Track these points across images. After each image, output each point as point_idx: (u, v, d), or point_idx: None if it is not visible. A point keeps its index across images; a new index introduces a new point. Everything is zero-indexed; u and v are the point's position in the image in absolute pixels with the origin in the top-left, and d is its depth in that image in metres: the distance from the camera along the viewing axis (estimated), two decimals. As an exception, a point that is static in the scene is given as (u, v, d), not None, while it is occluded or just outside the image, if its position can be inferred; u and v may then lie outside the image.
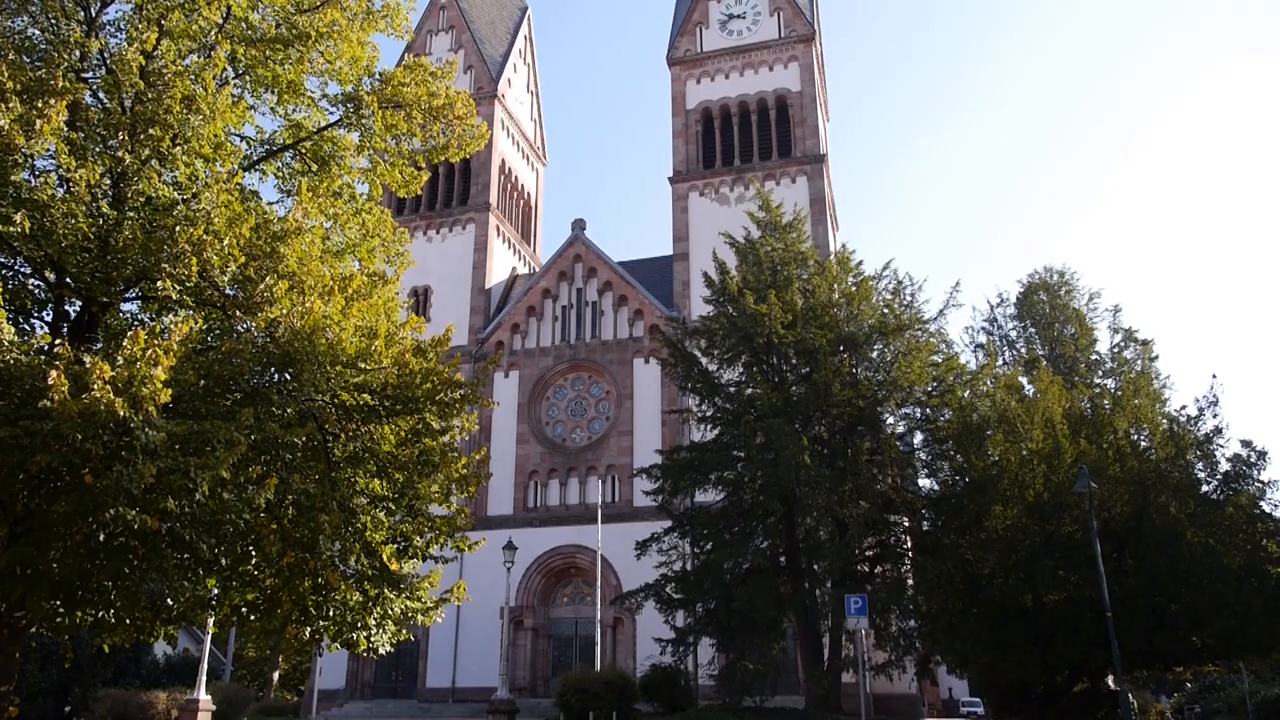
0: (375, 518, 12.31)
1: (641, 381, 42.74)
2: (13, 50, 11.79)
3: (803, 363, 29.02)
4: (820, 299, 29.35)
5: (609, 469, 41.68)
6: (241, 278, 11.27)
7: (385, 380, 12.01)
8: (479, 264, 47.50)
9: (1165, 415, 26.58)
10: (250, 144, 14.25)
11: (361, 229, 14.50)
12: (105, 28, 13.05)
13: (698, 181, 45.70)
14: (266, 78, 13.79)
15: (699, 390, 30.10)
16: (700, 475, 29.05)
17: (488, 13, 55.18)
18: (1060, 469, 23.91)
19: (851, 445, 28.05)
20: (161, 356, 9.18)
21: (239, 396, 11.07)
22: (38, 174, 11.22)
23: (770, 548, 28.71)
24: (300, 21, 13.68)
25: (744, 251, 31.08)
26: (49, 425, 8.59)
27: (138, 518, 8.78)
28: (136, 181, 11.46)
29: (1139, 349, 34.52)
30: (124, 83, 11.52)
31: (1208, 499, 24.36)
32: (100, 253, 10.88)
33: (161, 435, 8.98)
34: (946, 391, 28.73)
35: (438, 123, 15.10)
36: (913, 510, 29.33)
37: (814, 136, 45.16)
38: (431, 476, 13.02)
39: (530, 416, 43.65)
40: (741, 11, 48.79)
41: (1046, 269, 42.14)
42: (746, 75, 47.35)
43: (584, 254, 46.30)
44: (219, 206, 11.21)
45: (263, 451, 10.47)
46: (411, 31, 15.89)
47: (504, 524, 40.29)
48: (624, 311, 44.52)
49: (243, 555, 11.19)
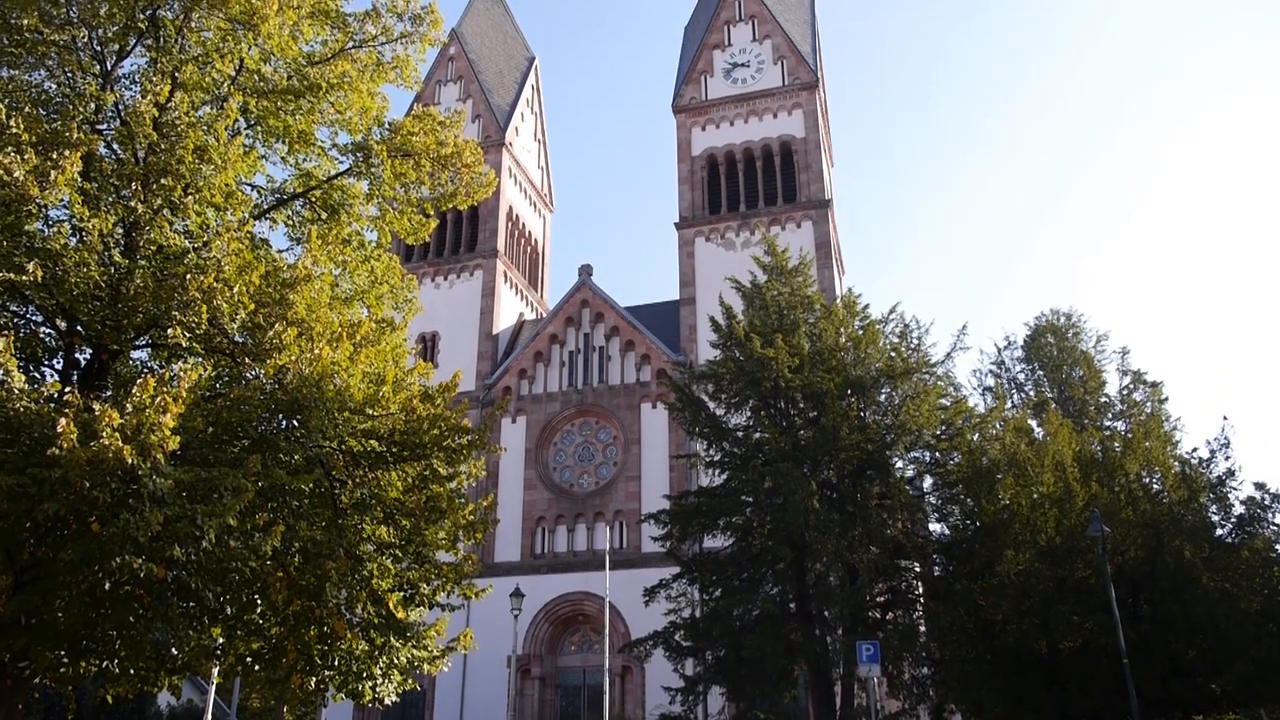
0: (382, 565, 12.24)
1: (649, 426, 42.64)
2: (29, 103, 12.01)
3: (810, 407, 28.92)
4: (827, 343, 29.33)
5: (617, 514, 41.44)
6: (251, 325, 11.34)
7: (393, 426, 12.01)
8: (486, 310, 47.70)
9: (1177, 458, 26.38)
10: (261, 193, 14.44)
11: (370, 276, 14.61)
12: (120, 81, 13.31)
13: (704, 227, 46.00)
14: (278, 128, 14.00)
15: (706, 435, 29.97)
16: (708, 520, 28.82)
17: (496, 63, 56.05)
18: (1072, 513, 23.69)
19: (861, 490, 27.85)
20: (170, 404, 9.20)
21: (246, 443, 11.07)
22: (51, 224, 11.36)
23: (780, 594, 28.37)
24: (311, 73, 13.92)
25: (750, 296, 31.15)
26: (57, 473, 8.59)
27: (144, 566, 8.75)
28: (148, 230, 11.59)
29: (1148, 391, 34.31)
30: (138, 134, 11.70)
31: (1223, 542, 24.09)
32: (111, 301, 10.97)
33: (169, 482, 8.97)
34: (955, 435, 28.56)
35: (446, 171, 15.28)
36: (924, 555, 29.01)
37: (818, 182, 45.51)
38: (438, 523, 12.96)
39: (538, 462, 43.51)
40: (745, 60, 49.47)
41: (1053, 311, 42.09)
42: (751, 122, 47.87)
43: (591, 299, 46.48)
44: (229, 254, 11.32)
45: (270, 498, 10.46)
46: (420, 82, 16.15)
47: (511, 571, 39.96)
48: (631, 356, 44.57)
49: (248, 604, 11.12)
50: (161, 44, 12.90)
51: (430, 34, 15.19)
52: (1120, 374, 35.28)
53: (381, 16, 14.82)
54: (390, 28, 14.91)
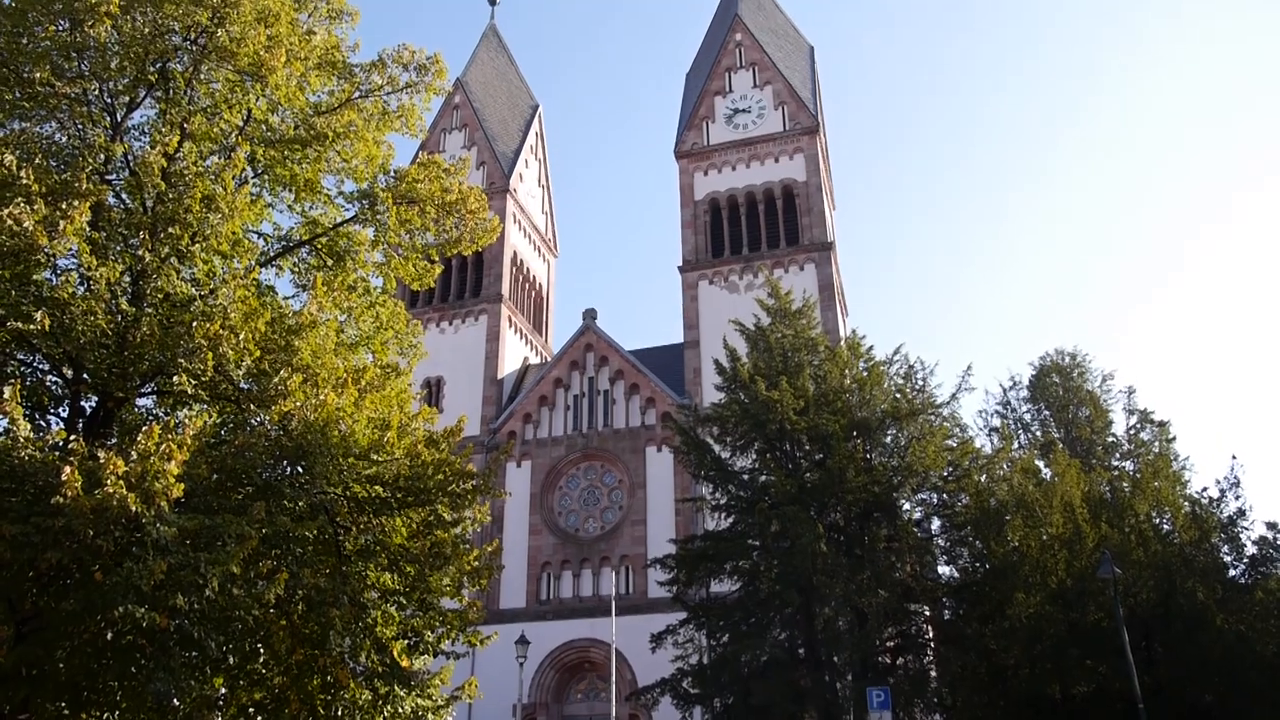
0: (386, 612, 12.15)
1: (654, 470, 42.47)
2: (40, 154, 12.17)
3: (816, 449, 28.81)
4: (832, 385, 29.30)
5: (622, 559, 41.11)
6: (256, 371, 11.38)
7: (397, 472, 11.99)
8: (491, 354, 47.80)
9: (1187, 497, 26.18)
10: (267, 240, 14.56)
11: (375, 322, 14.68)
12: (130, 131, 13.50)
13: (707, 270, 46.22)
14: (284, 176, 14.17)
15: (712, 478, 29.83)
16: (715, 565, 28.58)
17: (500, 111, 56.79)
18: (1082, 554, 23.46)
19: (868, 532, 27.63)
20: (175, 451, 9.21)
21: (251, 490, 11.05)
22: (59, 273, 11.46)
23: (788, 639, 28.02)
24: (318, 123, 14.11)
25: (754, 338, 31.19)
26: (61, 522, 8.57)
27: (146, 615, 8.68)
28: (156, 278, 11.68)
29: (1156, 430, 34.18)
30: (146, 184, 11.84)
31: (1236, 584, 23.82)
32: (118, 349, 11.02)
33: (173, 530, 8.95)
34: (963, 476, 28.41)
35: (451, 217, 15.41)
36: (933, 599, 28.71)
37: (821, 225, 45.81)
38: (443, 569, 12.88)
39: (543, 507, 43.29)
40: (746, 106, 50.07)
41: (1058, 351, 42.01)
42: (753, 166, 48.32)
43: (595, 343, 46.57)
44: (236, 302, 11.39)
45: (274, 546, 10.41)
46: (426, 130, 16.35)
47: (516, 617, 39.57)
48: (636, 400, 44.55)
49: (251, 653, 11.02)
50: (171, 96, 13.12)
51: (435, 83, 15.41)
52: (1127, 413, 35.22)
53: (387, 67, 15.05)
54: (396, 78, 15.14)
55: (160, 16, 12.59)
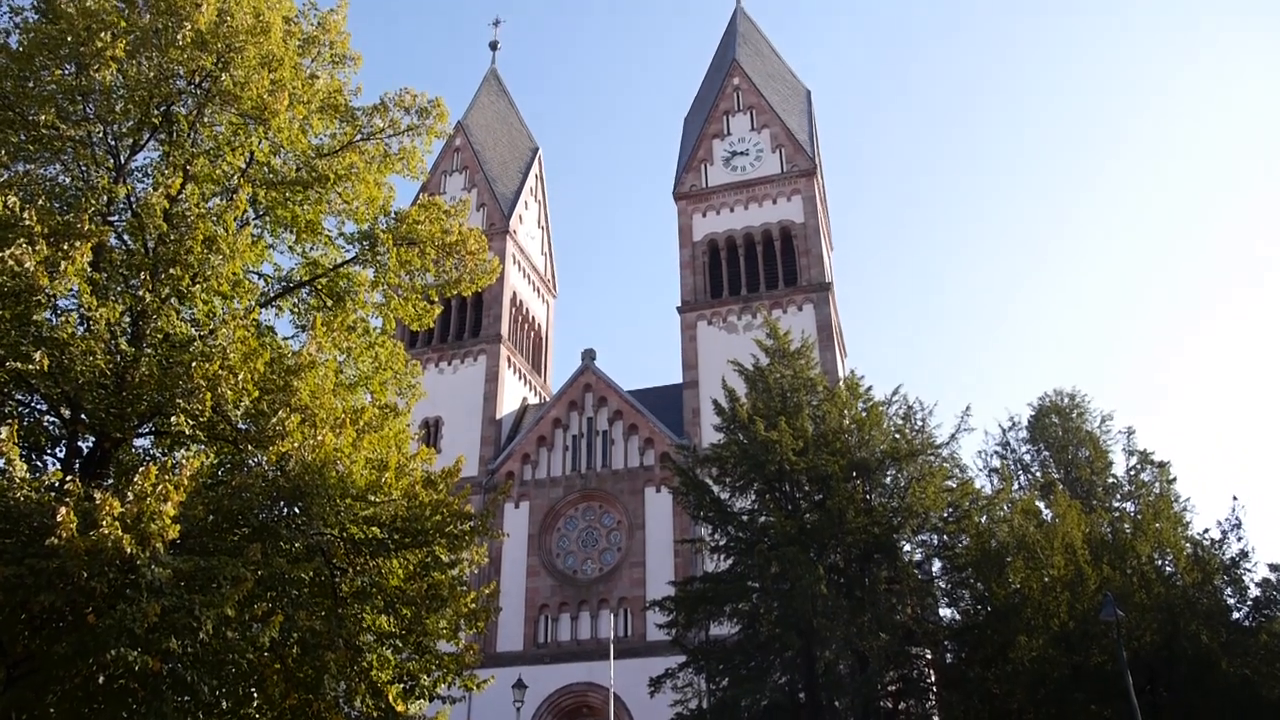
0: (382, 655, 12.01)
1: (653, 511, 42.24)
2: (43, 196, 12.26)
3: (816, 489, 28.68)
4: (831, 425, 29.24)
5: (621, 601, 40.73)
6: (254, 411, 11.37)
7: (395, 513, 11.94)
8: (490, 395, 47.77)
9: (1188, 539, 26.03)
10: (268, 281, 14.63)
11: (374, 362, 14.70)
12: (133, 173, 13.61)
13: (706, 310, 46.37)
14: (286, 218, 14.27)
15: (711, 519, 29.65)
16: (715, 607, 28.31)
17: (500, 153, 57.35)
18: (1084, 596, 23.28)
19: (869, 574, 27.41)
20: (172, 492, 9.17)
21: (247, 531, 10.99)
22: (60, 313, 11.49)
23: (789, 683, 27.66)
24: (320, 165, 14.25)
25: (753, 379, 31.19)
26: (55, 563, 8.51)
27: (139, 659, 8.59)
28: (156, 319, 11.71)
29: (1156, 471, 34.04)
30: (148, 225, 11.92)
31: (1240, 627, 23.60)
32: (116, 389, 11.02)
33: (167, 572, 8.88)
34: (963, 517, 28.26)
35: (451, 258, 15.51)
36: (935, 641, 28.40)
37: (818, 265, 46.05)
38: (440, 611, 12.76)
39: (541, 548, 42.98)
40: (744, 149, 50.58)
41: (1057, 391, 42.02)
42: (751, 208, 48.71)
43: (594, 383, 46.56)
44: (235, 342, 11.42)
45: (269, 587, 10.33)
46: (426, 172, 16.50)
47: (513, 661, 39.08)
48: (634, 440, 44.44)
49: (244, 697, 10.87)
50: (174, 138, 13.25)
51: (436, 126, 15.58)
52: (1126, 454, 35.07)
53: (389, 110, 15.23)
54: (398, 121, 15.31)
55: (166, 61, 12.76)
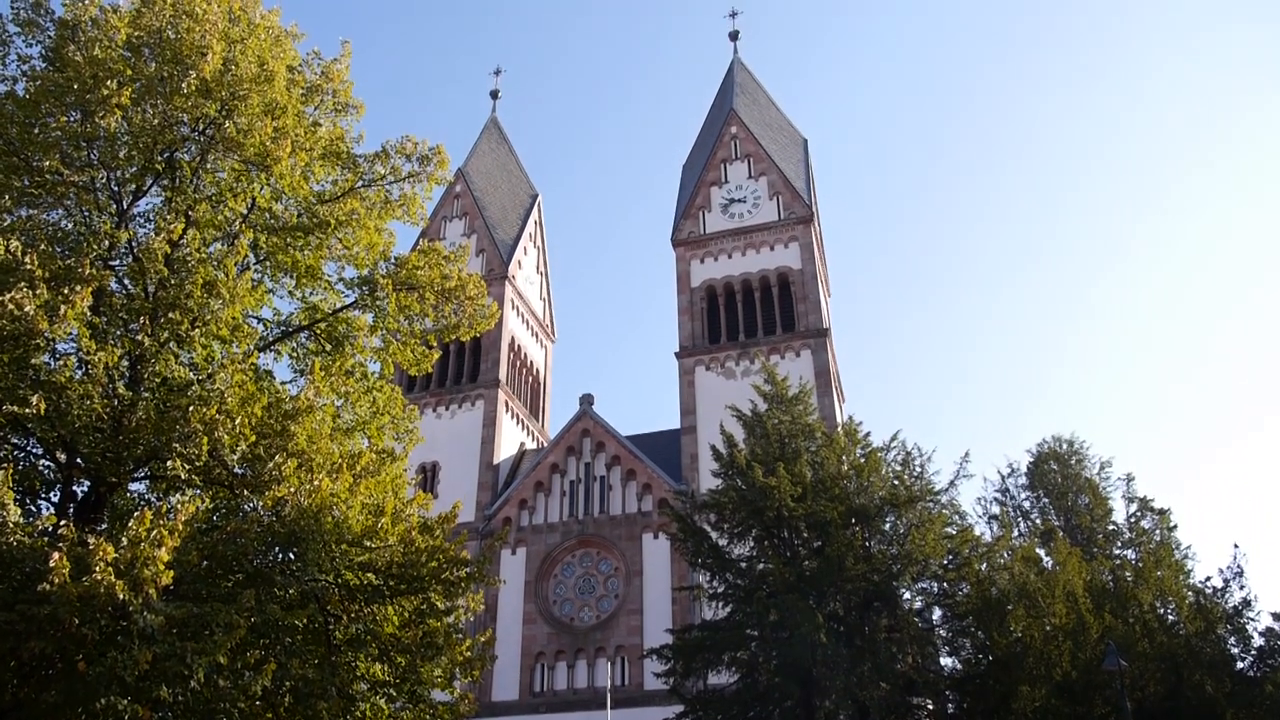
0: (375, 705, 11.85)
1: (651, 557, 41.90)
2: (45, 240, 12.33)
3: (814, 536, 28.48)
4: (829, 471, 29.13)
5: (618, 649, 40.23)
6: (251, 456, 11.33)
7: (390, 559, 11.84)
8: (487, 440, 47.63)
9: (1191, 587, 25.82)
10: (267, 325, 14.67)
11: (372, 407, 14.69)
12: (135, 218, 13.71)
13: (704, 356, 46.45)
14: (286, 263, 14.35)
15: (709, 566, 29.41)
16: (713, 656, 27.96)
17: (500, 199, 57.86)
18: (1087, 645, 23.02)
19: (869, 622, 27.11)
20: (166, 537, 9.10)
21: (241, 577, 10.89)
22: (58, 356, 11.49)
23: (788, 734, 27.24)
24: (321, 211, 14.37)
25: (751, 424, 31.13)
26: (47, 610, 8.41)
27: (129, 708, 8.48)
28: (154, 363, 11.73)
29: (1156, 519, 33.87)
30: (149, 270, 11.98)
31: (1245, 677, 23.29)
32: (112, 433, 10.99)
33: (160, 619, 8.78)
34: (963, 564, 28.04)
35: (450, 303, 15.58)
36: (936, 691, 28.00)
37: (816, 311, 46.25)
38: (435, 660, 12.62)
39: (537, 595, 42.56)
40: (742, 196, 51.06)
41: (1055, 438, 41.91)
42: (749, 255, 49.06)
43: (592, 429, 46.47)
44: (233, 386, 11.42)
45: (262, 635, 10.21)
46: (427, 218, 16.63)
47: (509, 710, 38.52)
48: (632, 486, 44.23)
49: (235, 748, 10.68)
50: (177, 184, 13.36)
51: (437, 174, 15.75)
52: (1126, 501, 34.92)
53: (390, 157, 15.40)
54: (399, 168, 15.48)
55: (170, 108, 12.92)
